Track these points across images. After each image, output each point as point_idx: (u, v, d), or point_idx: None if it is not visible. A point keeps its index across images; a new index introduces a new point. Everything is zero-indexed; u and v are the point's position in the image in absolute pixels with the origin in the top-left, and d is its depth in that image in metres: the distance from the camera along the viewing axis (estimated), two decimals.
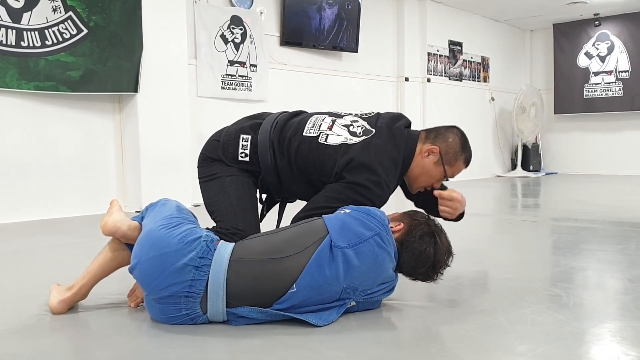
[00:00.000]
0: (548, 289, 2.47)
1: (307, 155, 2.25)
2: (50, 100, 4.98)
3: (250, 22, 6.46)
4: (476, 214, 5.25)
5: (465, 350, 1.74)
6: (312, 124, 2.33)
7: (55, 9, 4.86)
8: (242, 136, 2.32)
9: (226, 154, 2.31)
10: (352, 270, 1.94)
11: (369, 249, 1.97)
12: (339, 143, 2.24)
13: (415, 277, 2.13)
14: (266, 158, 2.27)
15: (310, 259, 1.91)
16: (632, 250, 3.27)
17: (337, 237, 1.95)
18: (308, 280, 1.90)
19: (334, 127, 2.32)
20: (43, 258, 3.36)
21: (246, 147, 2.30)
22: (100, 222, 2.14)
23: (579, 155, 10.46)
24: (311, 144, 2.26)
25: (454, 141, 2.40)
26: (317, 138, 2.27)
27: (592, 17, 9.97)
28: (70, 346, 1.89)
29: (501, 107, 10.35)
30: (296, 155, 2.26)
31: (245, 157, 2.29)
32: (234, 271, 1.92)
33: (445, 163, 2.37)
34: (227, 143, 2.33)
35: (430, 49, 8.86)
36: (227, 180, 2.26)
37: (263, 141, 2.29)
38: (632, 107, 9.74)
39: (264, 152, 2.27)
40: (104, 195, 5.31)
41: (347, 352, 1.72)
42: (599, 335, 1.87)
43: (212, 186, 2.28)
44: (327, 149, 2.23)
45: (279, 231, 2.07)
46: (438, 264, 2.08)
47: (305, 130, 2.31)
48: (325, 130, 2.30)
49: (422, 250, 2.05)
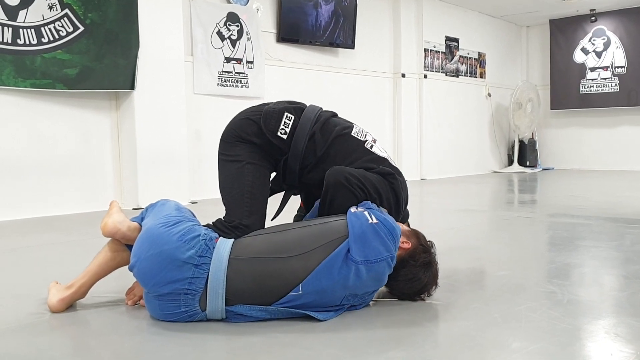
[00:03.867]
0: (543, 285, 2.48)
1: (346, 150, 2.34)
2: (47, 97, 4.98)
3: (246, 19, 6.46)
4: (472, 210, 5.27)
5: (460, 347, 1.75)
6: (359, 131, 2.45)
7: (52, 7, 4.85)
8: (286, 114, 2.35)
9: (267, 125, 2.31)
10: (359, 282, 1.98)
11: (380, 268, 2.00)
12: (381, 156, 2.40)
13: (398, 295, 2.20)
14: (300, 144, 2.31)
15: (321, 263, 1.93)
16: (627, 247, 3.29)
17: (355, 249, 1.96)
18: (315, 284, 1.92)
19: (376, 142, 2.48)
20: (40, 256, 3.37)
21: (288, 125, 2.32)
22: (100, 224, 2.15)
23: (575, 150, 10.49)
24: (358, 145, 2.38)
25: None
26: (364, 143, 2.40)
27: (588, 13, 9.98)
28: (69, 344, 1.90)
29: (497, 103, 10.36)
30: (336, 152, 2.33)
31: (285, 134, 2.31)
32: (234, 269, 1.93)
33: None
34: (271, 115, 2.34)
35: (427, 45, 8.86)
36: (247, 167, 2.26)
37: (304, 127, 2.33)
38: (628, 102, 9.76)
39: (301, 137, 2.31)
40: (101, 192, 5.32)
41: (344, 350, 1.73)
42: (594, 332, 1.89)
43: (231, 168, 2.28)
44: (370, 154, 2.38)
45: (286, 230, 2.08)
46: (422, 291, 2.17)
47: (353, 131, 2.42)
48: (370, 141, 2.44)
49: (418, 278, 2.12)
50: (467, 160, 9.64)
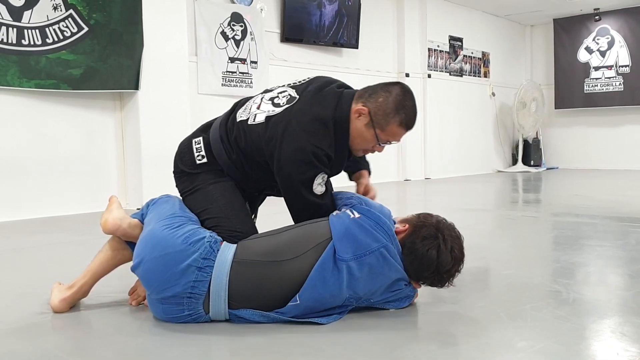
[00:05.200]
0: (548, 284, 2.47)
1: (244, 139, 2.15)
2: (52, 98, 4.99)
3: (250, 19, 6.46)
4: (477, 209, 5.26)
5: (465, 346, 1.75)
6: (244, 108, 2.23)
7: (56, 7, 4.86)
8: (194, 140, 2.27)
9: (184, 162, 2.26)
10: (354, 281, 1.93)
11: (373, 260, 1.93)
12: (263, 120, 2.12)
13: (423, 282, 2.07)
14: (221, 154, 2.19)
15: (313, 268, 1.89)
16: (632, 246, 3.27)
17: (341, 248, 1.90)
18: (311, 292, 1.89)
19: (262, 104, 2.20)
20: (44, 256, 3.37)
21: (200, 149, 2.23)
22: (100, 220, 2.14)
23: (579, 150, 10.46)
24: (244, 128, 2.16)
25: (384, 101, 2.11)
26: (247, 120, 2.17)
27: (592, 12, 9.96)
28: (72, 345, 1.90)
29: (502, 102, 10.34)
30: (237, 144, 2.17)
31: (203, 158, 2.21)
32: (236, 272, 1.91)
33: (376, 126, 2.11)
34: (182, 152, 2.28)
35: (431, 45, 8.85)
36: (210, 188, 2.19)
37: (215, 138, 2.21)
38: (632, 101, 9.73)
39: (218, 148, 2.20)
40: (105, 192, 5.30)
41: (348, 350, 1.72)
42: (599, 331, 1.88)
43: (197, 197, 2.20)
44: (256, 129, 2.13)
45: (280, 232, 2.04)
46: (442, 268, 1.98)
47: (238, 115, 2.22)
48: (254, 111, 2.19)
49: (424, 253, 1.97)
50: (472, 160, 9.62)
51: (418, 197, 6.42)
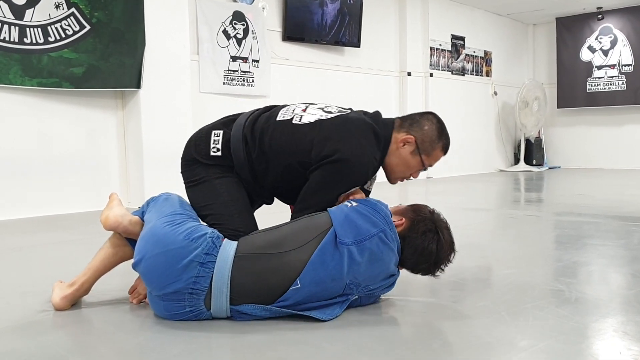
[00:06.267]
0: (550, 283, 2.47)
1: (280, 138, 2.18)
2: (53, 96, 4.99)
3: (252, 18, 6.46)
4: (479, 208, 5.25)
5: (467, 345, 1.74)
6: (286, 110, 2.29)
7: (58, 6, 4.86)
8: (213, 132, 2.28)
9: (198, 150, 2.27)
10: (356, 266, 1.94)
11: (373, 245, 1.96)
12: (313, 120, 2.20)
13: (417, 272, 2.13)
14: (239, 152, 2.21)
15: (313, 254, 1.91)
16: (635, 245, 3.27)
17: (342, 232, 1.94)
18: (312, 275, 1.90)
19: (308, 109, 2.28)
20: (46, 254, 3.37)
21: (218, 142, 2.24)
22: (101, 217, 2.14)
23: (582, 149, 10.44)
24: (285, 127, 2.20)
25: (429, 129, 2.27)
26: (291, 120, 2.22)
27: (595, 11, 9.94)
28: (74, 342, 1.90)
29: (504, 102, 10.33)
30: (270, 142, 2.19)
31: (217, 151, 2.24)
32: (237, 267, 1.91)
33: (422, 152, 2.27)
34: (199, 139, 2.30)
35: (433, 44, 8.84)
36: (216, 182, 2.21)
37: (236, 135, 2.23)
38: (635, 100, 9.71)
39: (237, 146, 2.22)
40: (106, 191, 5.29)
41: (350, 348, 1.72)
42: (601, 330, 1.87)
43: (202, 189, 2.22)
44: (302, 128, 2.18)
45: (280, 226, 2.06)
46: (440, 261, 2.07)
47: (279, 116, 2.26)
48: (299, 113, 2.25)
49: (425, 247, 2.04)
50: (474, 159, 9.61)
51: (420, 196, 6.41)
